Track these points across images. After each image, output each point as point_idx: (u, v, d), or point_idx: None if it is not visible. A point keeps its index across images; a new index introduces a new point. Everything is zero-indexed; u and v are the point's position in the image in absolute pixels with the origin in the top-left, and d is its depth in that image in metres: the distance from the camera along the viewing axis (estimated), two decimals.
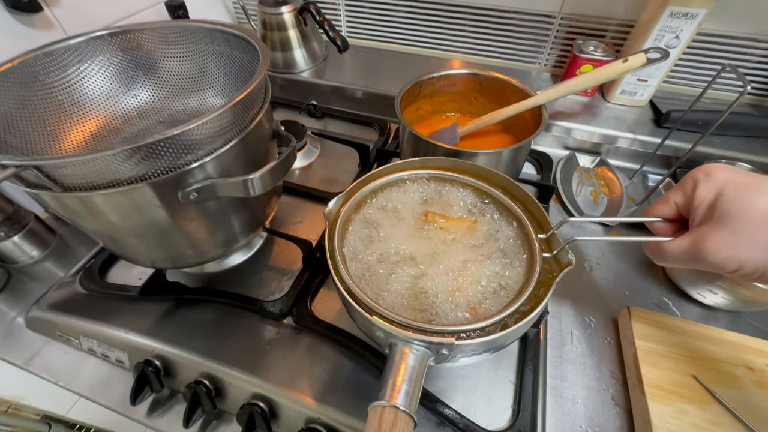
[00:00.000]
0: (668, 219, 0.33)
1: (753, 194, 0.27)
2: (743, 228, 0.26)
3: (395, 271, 0.37)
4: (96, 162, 0.30)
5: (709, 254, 0.28)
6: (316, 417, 0.39)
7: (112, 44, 0.46)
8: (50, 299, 0.50)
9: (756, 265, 0.27)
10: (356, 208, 0.42)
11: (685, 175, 0.31)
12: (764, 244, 0.26)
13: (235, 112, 0.36)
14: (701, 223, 0.29)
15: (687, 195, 0.30)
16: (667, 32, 0.60)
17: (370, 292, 0.36)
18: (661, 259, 0.32)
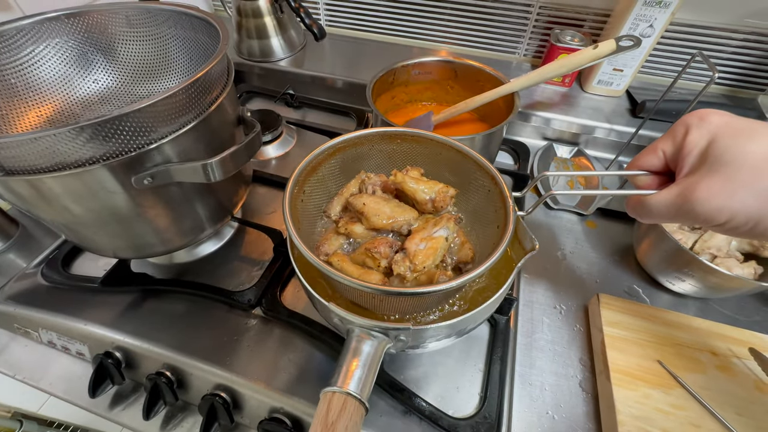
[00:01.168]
0: (654, 171, 0.30)
1: (749, 139, 0.24)
2: (738, 175, 0.24)
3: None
4: (38, 142, 0.28)
5: (697, 204, 0.25)
6: (280, 407, 0.38)
7: (69, 26, 0.44)
8: (9, 291, 0.48)
9: (748, 217, 0.24)
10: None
11: (677, 122, 0.28)
12: (759, 192, 0.23)
13: (192, 94, 0.35)
14: (691, 171, 0.26)
15: (677, 142, 0.27)
16: (642, 21, 0.60)
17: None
18: (645, 215, 0.29)
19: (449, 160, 0.40)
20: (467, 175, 0.39)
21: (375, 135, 0.40)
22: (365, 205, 0.37)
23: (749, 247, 0.50)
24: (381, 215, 0.37)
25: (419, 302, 0.33)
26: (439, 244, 0.34)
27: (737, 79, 0.71)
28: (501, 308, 0.45)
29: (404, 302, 0.32)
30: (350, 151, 0.41)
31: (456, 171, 0.40)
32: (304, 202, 0.39)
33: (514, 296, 0.47)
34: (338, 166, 0.42)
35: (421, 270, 0.32)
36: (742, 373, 0.41)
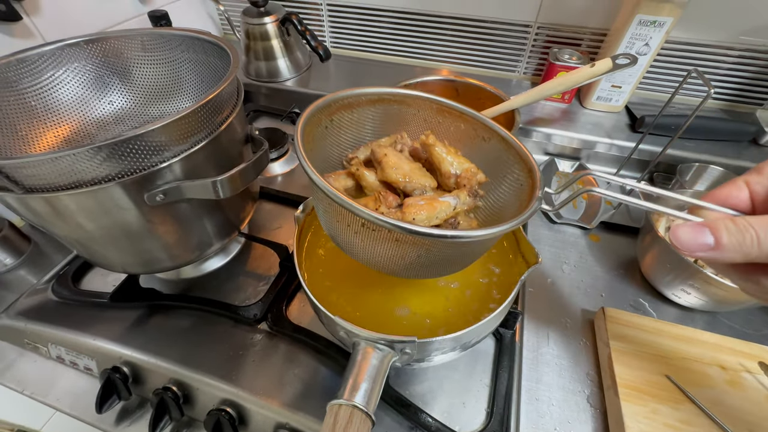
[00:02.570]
0: (733, 208, 0.23)
1: None
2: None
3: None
4: (58, 162, 0.30)
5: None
6: (285, 422, 0.38)
7: (87, 51, 0.46)
8: (20, 307, 0.49)
9: None
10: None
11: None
12: None
13: (203, 115, 0.36)
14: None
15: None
16: (638, 40, 0.62)
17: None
18: (717, 254, 0.21)
19: (489, 151, 0.37)
20: (503, 168, 0.36)
21: (424, 100, 0.38)
22: (386, 156, 0.34)
23: None
24: (398, 170, 0.34)
25: (406, 249, 0.29)
26: (440, 207, 0.31)
27: (735, 93, 0.72)
28: (506, 322, 0.45)
29: (390, 247, 0.29)
30: (394, 108, 0.39)
31: (492, 163, 0.37)
32: (327, 129, 0.37)
33: (519, 310, 0.47)
34: (378, 117, 0.39)
35: (410, 221, 0.29)
36: (753, 387, 0.41)
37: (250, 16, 0.77)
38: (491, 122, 0.36)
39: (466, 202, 0.33)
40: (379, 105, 0.38)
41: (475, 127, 0.37)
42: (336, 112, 0.36)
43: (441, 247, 0.28)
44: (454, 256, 0.31)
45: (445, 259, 0.30)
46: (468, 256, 0.33)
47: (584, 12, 0.71)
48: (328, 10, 0.86)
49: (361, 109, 0.38)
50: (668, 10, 0.58)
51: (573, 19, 0.72)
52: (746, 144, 0.67)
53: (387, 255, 0.30)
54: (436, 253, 0.29)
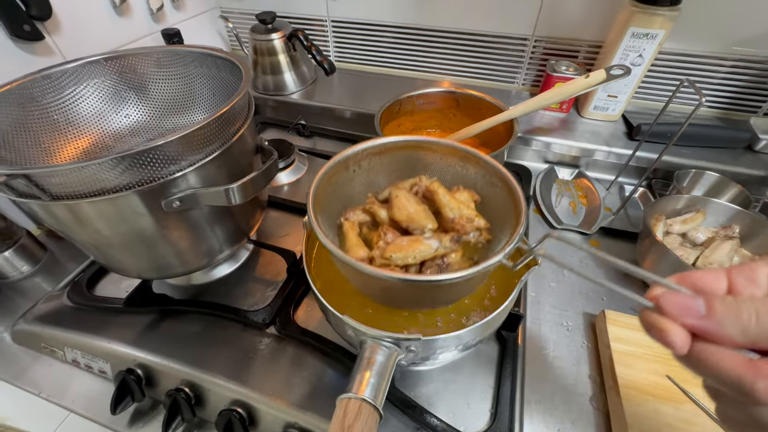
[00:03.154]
0: (702, 292, 0.20)
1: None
2: None
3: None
4: (83, 171, 0.32)
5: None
6: (294, 422, 0.39)
7: (106, 68, 0.49)
8: (37, 312, 0.50)
9: None
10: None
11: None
12: None
13: (217, 126, 0.38)
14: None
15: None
16: (632, 51, 0.64)
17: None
18: (708, 323, 0.19)
19: (500, 195, 0.38)
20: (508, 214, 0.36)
21: (445, 147, 0.40)
22: (397, 197, 0.37)
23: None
24: (402, 211, 0.37)
25: (390, 286, 0.32)
26: (420, 248, 0.34)
27: (729, 101, 0.74)
28: (509, 324, 0.46)
29: (371, 281, 0.33)
30: (419, 153, 0.41)
31: (502, 208, 0.37)
32: (355, 173, 0.40)
33: (521, 312, 0.48)
34: (402, 161, 0.42)
35: (387, 258, 0.33)
36: None
37: (258, 32, 0.80)
38: (502, 169, 0.37)
39: (447, 246, 0.35)
40: (403, 151, 0.41)
41: (488, 172, 0.38)
42: (364, 159, 0.40)
43: (408, 287, 0.31)
44: (428, 294, 0.34)
45: (423, 296, 0.34)
46: (451, 294, 0.36)
47: (579, 25, 0.74)
48: (332, 26, 0.89)
49: (388, 155, 0.41)
50: (660, 22, 0.61)
51: (569, 32, 0.75)
52: (741, 150, 0.68)
53: (376, 291, 0.35)
54: (412, 290, 0.32)
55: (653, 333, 0.20)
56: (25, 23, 0.54)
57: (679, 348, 0.19)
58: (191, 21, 0.86)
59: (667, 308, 0.20)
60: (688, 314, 0.19)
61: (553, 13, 0.73)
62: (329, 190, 0.38)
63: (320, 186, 0.36)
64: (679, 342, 0.19)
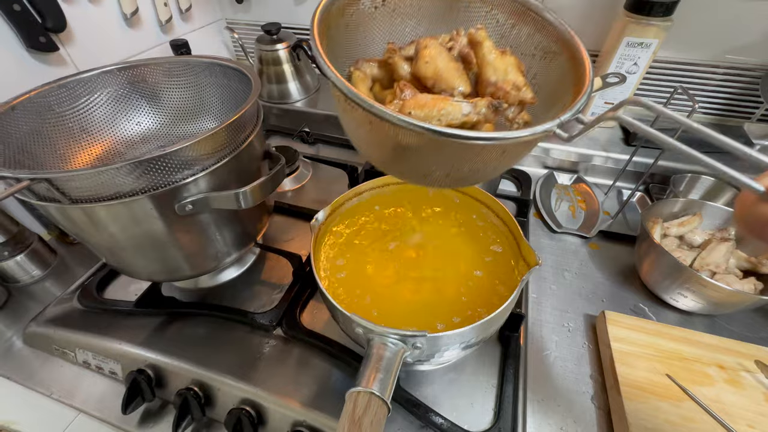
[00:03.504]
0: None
1: None
2: None
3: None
4: (102, 175, 0.33)
5: None
6: (302, 420, 0.40)
7: (120, 78, 0.51)
8: (48, 315, 0.51)
9: None
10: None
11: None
12: None
13: (228, 134, 0.40)
14: None
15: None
16: (627, 60, 0.66)
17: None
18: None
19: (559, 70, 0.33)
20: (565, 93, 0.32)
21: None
22: (426, 48, 0.31)
23: (748, 264, 0.52)
24: (431, 64, 0.30)
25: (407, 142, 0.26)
26: (446, 107, 0.28)
27: (723, 108, 0.76)
28: (511, 325, 0.47)
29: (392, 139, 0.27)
30: (461, 2, 0.35)
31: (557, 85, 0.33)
32: (377, 10, 0.33)
33: (523, 313, 0.49)
34: (440, 8, 0.35)
35: (404, 114, 0.27)
36: (751, 386, 0.42)
37: (264, 43, 0.82)
38: (570, 32, 0.32)
39: (481, 112, 0.28)
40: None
41: (549, 36, 0.33)
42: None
43: (430, 144, 0.25)
44: (450, 160, 0.28)
45: (443, 161, 0.28)
46: (476, 165, 0.29)
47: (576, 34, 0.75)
48: None
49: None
50: (653, 32, 0.62)
51: None
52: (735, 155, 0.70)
53: (386, 150, 0.28)
54: (433, 150, 0.26)
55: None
56: (41, 35, 0.56)
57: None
58: (198, 32, 0.88)
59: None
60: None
61: None
62: (341, 26, 0.31)
63: (330, 13, 0.29)
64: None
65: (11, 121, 0.41)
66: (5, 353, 0.51)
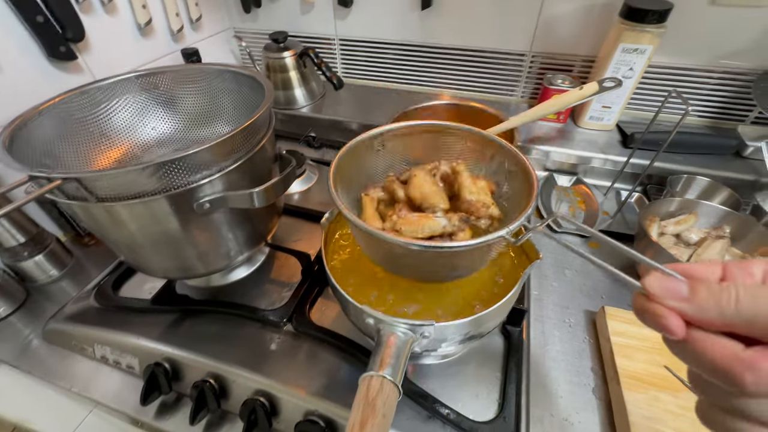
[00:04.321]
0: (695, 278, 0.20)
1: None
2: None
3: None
4: (127, 175, 0.35)
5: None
6: (314, 409, 0.41)
7: (137, 84, 0.53)
8: (67, 312, 0.53)
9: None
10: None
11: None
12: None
13: (243, 136, 0.42)
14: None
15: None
16: (622, 65, 0.68)
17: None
18: (689, 307, 0.19)
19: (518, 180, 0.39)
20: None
21: (467, 132, 0.42)
22: (415, 176, 0.40)
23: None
24: (417, 189, 0.40)
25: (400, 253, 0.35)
26: (428, 223, 0.36)
27: (718, 111, 0.78)
28: (513, 320, 0.48)
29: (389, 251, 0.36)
30: (441, 138, 0.44)
31: (518, 193, 0.39)
32: (379, 152, 0.44)
33: (525, 308, 0.51)
34: (425, 144, 0.44)
35: (398, 230, 0.36)
36: None
37: (271, 51, 0.85)
38: (521, 155, 0.39)
39: (454, 224, 0.37)
40: (427, 134, 0.44)
41: (508, 158, 0.40)
42: (389, 139, 0.44)
43: (413, 254, 0.34)
44: (434, 263, 0.36)
45: (428, 264, 0.36)
46: (456, 265, 0.37)
47: (573, 41, 0.78)
48: (340, 44, 0.95)
49: (412, 137, 0.44)
50: (648, 38, 0.65)
51: (564, 48, 0.79)
52: (730, 156, 0.72)
53: (386, 258, 0.37)
54: (417, 258, 0.34)
55: (646, 318, 0.20)
56: (62, 45, 0.59)
57: (674, 331, 0.19)
58: (207, 41, 0.91)
59: (651, 288, 0.20)
60: (671, 295, 0.19)
61: (548, 30, 0.78)
62: (352, 165, 0.41)
63: (344, 159, 0.39)
64: (675, 326, 0.19)
65: (38, 125, 0.44)
66: (25, 350, 0.52)
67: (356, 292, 0.44)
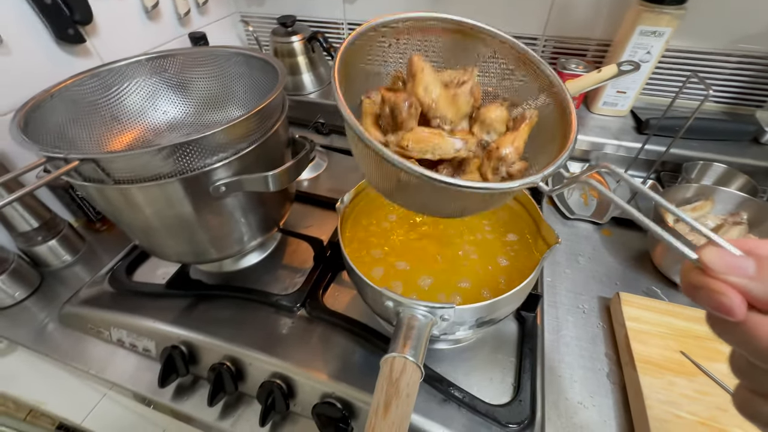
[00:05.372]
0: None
1: None
2: None
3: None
4: (143, 157, 0.35)
5: None
6: (331, 392, 0.42)
7: (148, 67, 0.52)
8: (82, 296, 0.54)
9: None
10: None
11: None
12: None
13: (258, 119, 0.41)
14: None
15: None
16: (640, 48, 0.67)
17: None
18: (754, 285, 0.17)
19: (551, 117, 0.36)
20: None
21: (502, 41, 0.37)
22: (422, 71, 0.31)
23: None
24: (428, 90, 0.31)
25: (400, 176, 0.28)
26: (440, 143, 0.30)
27: (736, 96, 0.76)
28: (528, 305, 0.48)
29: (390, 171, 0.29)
30: (467, 43, 0.37)
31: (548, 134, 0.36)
32: (390, 47, 0.36)
33: (540, 293, 0.51)
34: (446, 50, 0.38)
35: (403, 146, 0.29)
36: None
37: (279, 35, 0.84)
38: (562, 84, 0.34)
39: (471, 149, 0.31)
40: (451, 36, 0.37)
41: (544, 87, 0.36)
42: (403, 33, 0.35)
43: (422, 185, 0.27)
44: (441, 197, 0.30)
45: (434, 198, 0.30)
46: (466, 203, 0.32)
47: (588, 24, 0.76)
48: (348, 28, 0.93)
49: (432, 37, 0.36)
50: (667, 20, 0.63)
51: (578, 31, 0.78)
52: (748, 143, 0.71)
53: (384, 181, 0.31)
54: (423, 189, 0.29)
55: (700, 294, 0.18)
56: (70, 27, 0.58)
57: (735, 312, 0.17)
58: (213, 25, 0.90)
59: (711, 263, 0.17)
60: (735, 271, 0.17)
61: (563, 13, 0.76)
62: (358, 62, 0.34)
63: (349, 52, 0.32)
64: (736, 305, 0.16)
65: (50, 108, 0.43)
66: (42, 333, 0.53)
67: (374, 275, 0.44)
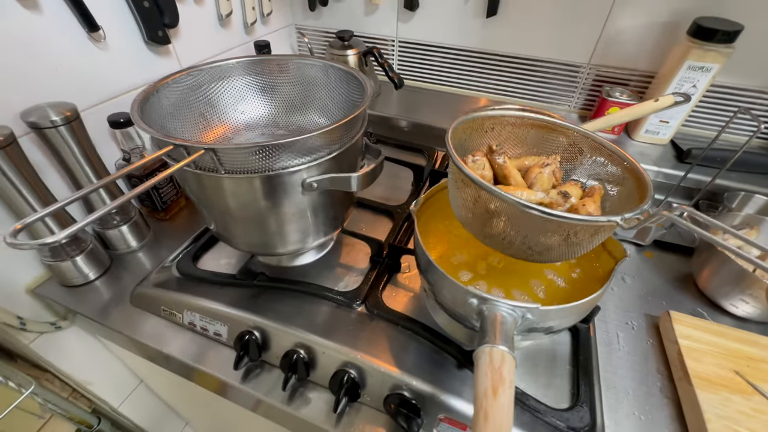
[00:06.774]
0: None
1: None
2: None
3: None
4: (249, 150, 0.38)
5: None
6: (401, 384, 0.43)
7: (239, 70, 0.56)
8: (153, 280, 0.56)
9: None
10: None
11: None
12: None
13: (347, 126, 0.45)
14: None
15: None
16: (686, 82, 0.70)
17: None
18: None
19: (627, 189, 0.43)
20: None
21: (581, 135, 0.45)
22: (507, 167, 0.42)
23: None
24: (516, 178, 0.42)
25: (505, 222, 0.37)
26: (525, 192, 0.40)
27: None
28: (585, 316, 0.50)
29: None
30: (549, 136, 0.47)
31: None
32: (486, 133, 0.47)
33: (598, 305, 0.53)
34: (531, 139, 0.48)
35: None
36: None
37: (336, 48, 0.88)
38: (636, 164, 0.42)
39: (552, 198, 0.40)
40: (537, 130, 0.47)
41: (619, 167, 0.43)
42: (500, 125, 0.46)
43: (521, 219, 0.36)
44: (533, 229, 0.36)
45: (535, 233, 0.37)
46: (558, 246, 0.37)
47: (633, 56, 0.80)
48: (399, 46, 0.98)
49: (521, 128, 0.47)
50: (714, 57, 0.67)
51: (623, 62, 0.82)
52: None
53: (485, 219, 0.38)
54: (525, 224, 0.36)
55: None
56: (160, 29, 0.63)
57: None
58: (272, 35, 0.95)
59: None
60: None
61: (610, 44, 0.80)
62: (460, 137, 0.44)
63: (458, 128, 0.43)
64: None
65: (156, 101, 0.47)
66: (111, 311, 0.55)
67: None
